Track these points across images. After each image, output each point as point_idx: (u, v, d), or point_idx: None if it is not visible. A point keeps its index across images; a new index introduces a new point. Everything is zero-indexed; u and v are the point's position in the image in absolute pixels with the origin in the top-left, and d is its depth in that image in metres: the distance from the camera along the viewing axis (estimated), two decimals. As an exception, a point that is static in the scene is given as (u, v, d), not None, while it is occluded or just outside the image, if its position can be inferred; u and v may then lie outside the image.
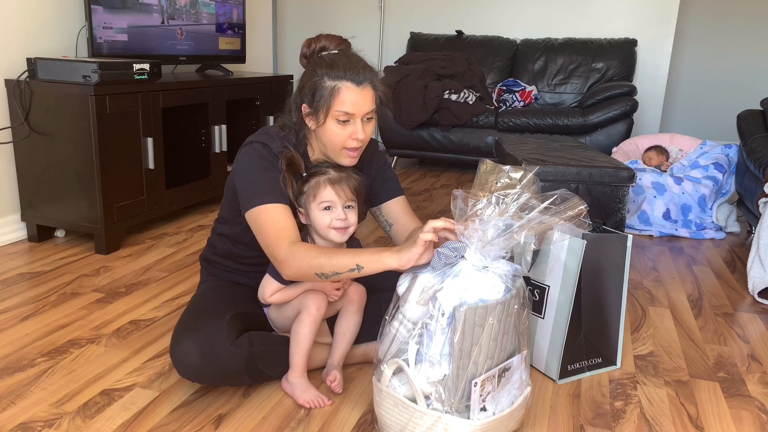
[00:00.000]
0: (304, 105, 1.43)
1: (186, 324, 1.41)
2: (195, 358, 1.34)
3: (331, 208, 1.42)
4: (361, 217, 1.54)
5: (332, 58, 1.41)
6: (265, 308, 1.56)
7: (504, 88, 4.31)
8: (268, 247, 1.36)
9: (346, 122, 1.39)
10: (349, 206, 1.44)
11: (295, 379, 1.45)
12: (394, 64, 4.34)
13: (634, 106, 3.79)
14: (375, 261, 1.27)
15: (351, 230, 1.45)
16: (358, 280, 1.55)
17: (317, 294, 1.45)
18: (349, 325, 1.53)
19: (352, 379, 1.55)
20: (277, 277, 1.44)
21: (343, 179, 1.43)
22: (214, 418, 1.37)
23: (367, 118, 1.42)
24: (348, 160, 1.44)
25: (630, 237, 1.60)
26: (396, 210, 1.61)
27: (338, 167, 1.46)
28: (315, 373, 1.56)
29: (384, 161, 1.64)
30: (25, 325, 1.78)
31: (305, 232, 1.48)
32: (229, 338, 1.36)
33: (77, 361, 1.60)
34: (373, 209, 1.64)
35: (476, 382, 1.18)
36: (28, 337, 1.71)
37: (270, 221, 1.36)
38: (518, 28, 4.69)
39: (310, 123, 1.44)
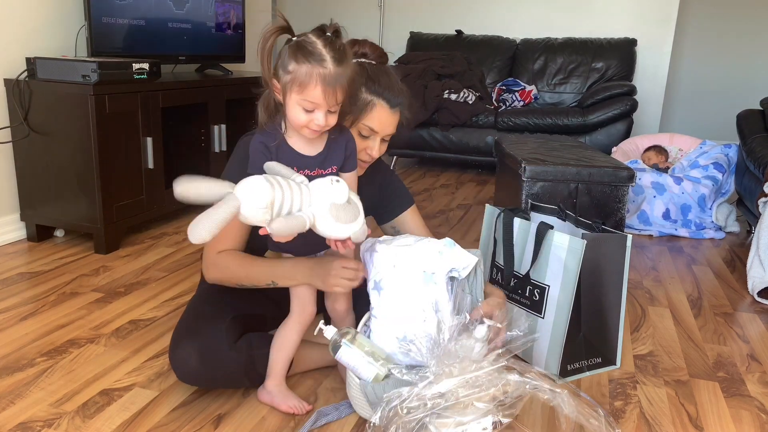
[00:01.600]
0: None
1: (185, 328, 1.40)
2: (194, 363, 1.33)
3: (314, 111, 1.18)
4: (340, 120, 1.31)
5: (374, 71, 1.38)
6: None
7: (504, 87, 4.31)
8: (204, 246, 1.38)
9: (367, 137, 1.39)
10: (333, 110, 1.22)
11: (274, 387, 1.41)
12: (393, 64, 4.34)
13: (634, 106, 3.79)
14: (289, 278, 1.31)
15: (326, 129, 1.25)
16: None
17: (310, 299, 1.41)
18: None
19: (351, 378, 1.55)
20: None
21: (338, 77, 1.17)
22: (213, 418, 1.37)
23: (385, 139, 1.42)
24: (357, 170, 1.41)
25: (630, 237, 1.60)
26: (409, 222, 1.60)
27: (337, 53, 1.19)
28: (313, 372, 1.56)
29: (387, 167, 1.62)
30: (25, 324, 1.78)
31: (277, 113, 1.28)
32: (229, 342, 1.36)
33: (76, 360, 1.60)
34: (383, 225, 1.63)
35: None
36: (28, 336, 1.71)
37: None
38: (518, 28, 4.68)
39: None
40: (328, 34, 1.23)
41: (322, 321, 1.37)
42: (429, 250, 1.34)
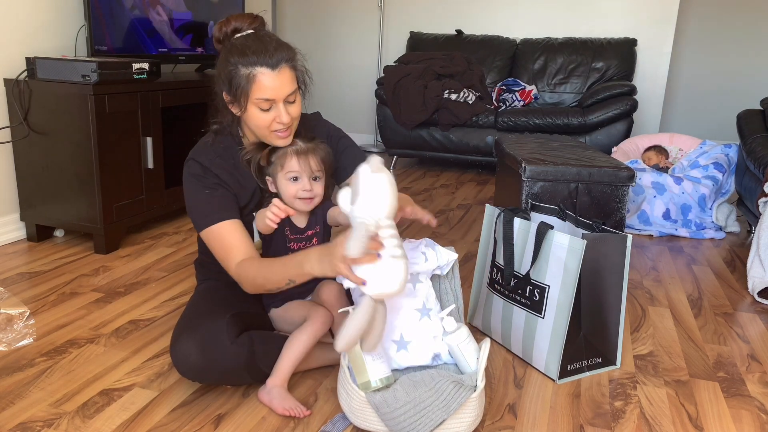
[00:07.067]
0: (224, 93, 1.43)
1: (186, 323, 1.41)
2: (195, 357, 1.34)
3: (298, 179, 1.44)
4: (328, 192, 1.54)
5: (243, 43, 1.37)
6: (267, 308, 1.56)
7: (504, 87, 4.31)
8: (223, 266, 1.43)
9: (268, 108, 1.38)
10: (315, 177, 1.46)
11: (275, 387, 1.41)
12: (393, 64, 4.34)
13: (634, 106, 3.79)
14: (300, 275, 1.29)
15: (317, 200, 1.47)
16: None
17: (326, 310, 1.46)
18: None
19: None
20: None
21: (309, 150, 1.45)
22: (213, 418, 1.37)
23: (290, 101, 1.40)
24: (280, 141, 1.44)
25: (630, 237, 1.60)
26: None
27: (306, 137, 1.48)
28: (313, 372, 1.56)
29: (332, 127, 1.61)
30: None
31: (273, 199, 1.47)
32: (230, 337, 1.36)
33: (76, 360, 1.60)
34: (342, 185, 1.59)
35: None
36: (28, 336, 1.71)
37: (218, 241, 1.41)
38: (518, 28, 4.68)
39: (234, 110, 1.44)
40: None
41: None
42: (413, 252, 1.37)
